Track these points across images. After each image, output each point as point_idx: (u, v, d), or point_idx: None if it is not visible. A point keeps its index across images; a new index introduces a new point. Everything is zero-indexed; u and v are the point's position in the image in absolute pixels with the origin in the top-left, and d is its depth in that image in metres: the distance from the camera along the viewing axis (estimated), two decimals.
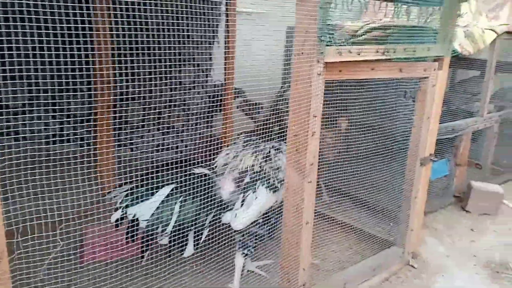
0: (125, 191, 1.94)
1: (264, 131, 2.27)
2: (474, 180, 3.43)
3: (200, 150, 2.77)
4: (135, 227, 1.88)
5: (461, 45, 2.75)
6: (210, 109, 3.61)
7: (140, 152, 3.40)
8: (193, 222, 1.96)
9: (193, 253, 1.98)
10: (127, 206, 1.89)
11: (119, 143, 3.34)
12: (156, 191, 1.93)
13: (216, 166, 2.19)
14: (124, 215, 1.89)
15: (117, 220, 1.90)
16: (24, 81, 2.68)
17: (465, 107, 3.87)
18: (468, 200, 3.28)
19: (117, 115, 3.03)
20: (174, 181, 1.95)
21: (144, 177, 1.99)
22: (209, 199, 1.94)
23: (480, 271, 2.56)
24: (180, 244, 1.92)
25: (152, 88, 3.06)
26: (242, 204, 2.02)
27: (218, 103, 3.30)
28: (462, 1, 2.19)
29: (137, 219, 1.88)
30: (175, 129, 3.61)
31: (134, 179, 1.94)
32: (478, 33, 2.90)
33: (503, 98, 4.49)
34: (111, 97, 2.77)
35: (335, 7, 2.15)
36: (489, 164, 3.69)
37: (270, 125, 2.35)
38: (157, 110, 3.38)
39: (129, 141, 3.37)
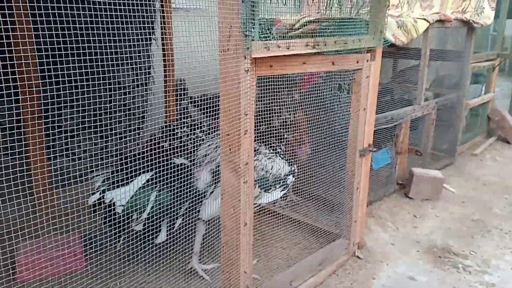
0: (105, 175, 2.02)
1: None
2: (415, 167, 3.52)
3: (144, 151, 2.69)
4: (112, 211, 1.96)
5: (395, 35, 2.78)
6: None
7: (78, 159, 3.22)
8: (168, 211, 2.03)
9: (164, 240, 2.06)
10: (104, 191, 1.97)
11: (54, 149, 3.14)
12: (135, 178, 2.00)
13: (196, 156, 2.24)
14: (102, 198, 1.97)
15: (94, 203, 1.97)
16: None
17: (407, 96, 3.97)
18: (411, 186, 3.36)
19: (49, 120, 2.85)
20: (153, 169, 2.01)
21: (124, 163, 2.03)
22: (185, 189, 1.97)
23: (423, 256, 2.62)
24: (154, 231, 2.01)
25: (85, 90, 2.89)
26: (210, 195, 2.09)
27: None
28: None
29: (113, 204, 1.95)
30: (116, 133, 3.45)
31: (115, 163, 2.04)
32: (411, 23, 2.95)
33: (440, 85, 4.66)
34: (40, 103, 2.59)
35: (264, 1, 2.09)
36: (428, 150, 3.80)
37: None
38: (92, 113, 3.21)
39: (64, 148, 3.18)
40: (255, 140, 2.29)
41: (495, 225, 3.04)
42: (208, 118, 2.76)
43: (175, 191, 1.98)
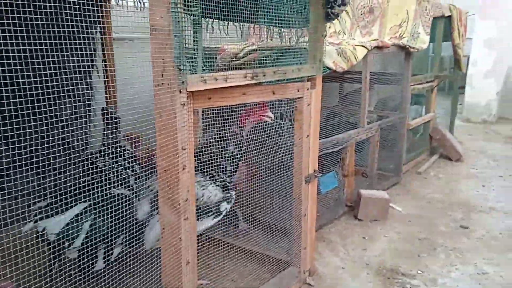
0: (41, 206, 2.06)
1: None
2: (363, 188, 3.59)
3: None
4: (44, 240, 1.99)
5: (335, 62, 2.86)
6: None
7: (12, 197, 3.03)
8: (103, 240, 2.06)
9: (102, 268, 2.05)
10: (38, 220, 2.01)
11: None
12: (70, 208, 2.04)
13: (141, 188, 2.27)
14: (35, 227, 2.00)
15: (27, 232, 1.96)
16: None
17: (353, 119, 4.06)
18: (359, 208, 3.40)
19: None
20: (89, 199, 2.04)
21: (62, 194, 2.05)
22: (122, 219, 1.95)
23: (373, 279, 2.63)
24: (90, 259, 1.99)
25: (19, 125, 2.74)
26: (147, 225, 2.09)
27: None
28: (327, 22, 2.26)
29: (46, 233, 1.99)
30: (54, 169, 3.28)
31: (51, 194, 2.02)
32: (350, 50, 3.04)
33: (383, 107, 4.82)
34: None
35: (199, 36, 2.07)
36: (375, 171, 3.89)
37: None
38: (28, 149, 3.03)
39: None
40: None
41: (440, 243, 3.12)
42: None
43: (111, 220, 1.97)
